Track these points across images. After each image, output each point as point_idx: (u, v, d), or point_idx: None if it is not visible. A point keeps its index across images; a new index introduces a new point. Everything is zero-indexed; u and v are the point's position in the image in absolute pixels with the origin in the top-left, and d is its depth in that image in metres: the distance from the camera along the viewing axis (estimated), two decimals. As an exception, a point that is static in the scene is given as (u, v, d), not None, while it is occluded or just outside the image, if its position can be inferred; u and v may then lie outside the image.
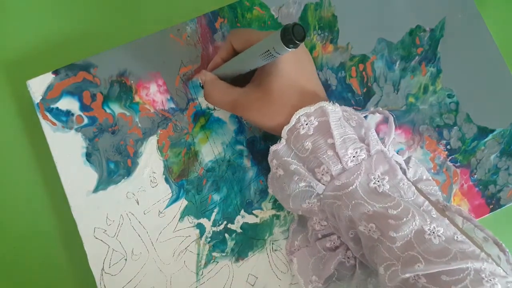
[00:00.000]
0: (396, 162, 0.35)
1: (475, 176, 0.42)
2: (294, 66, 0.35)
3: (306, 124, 0.34)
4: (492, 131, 0.43)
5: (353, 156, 0.33)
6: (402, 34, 0.44)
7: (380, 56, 0.43)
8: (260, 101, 0.36)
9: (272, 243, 0.41)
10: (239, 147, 0.42)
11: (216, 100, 0.38)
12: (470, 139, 0.43)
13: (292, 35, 0.29)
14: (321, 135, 0.34)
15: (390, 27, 0.44)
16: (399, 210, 0.32)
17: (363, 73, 0.43)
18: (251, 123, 0.40)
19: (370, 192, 0.33)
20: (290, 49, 0.30)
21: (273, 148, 0.36)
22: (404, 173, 0.36)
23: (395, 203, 0.32)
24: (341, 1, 0.44)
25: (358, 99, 0.43)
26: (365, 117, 0.42)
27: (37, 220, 0.42)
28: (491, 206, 0.42)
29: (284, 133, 0.35)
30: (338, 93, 0.43)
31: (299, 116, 0.34)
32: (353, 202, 0.33)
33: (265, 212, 0.41)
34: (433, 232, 0.31)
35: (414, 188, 0.34)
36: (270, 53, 0.31)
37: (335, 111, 0.34)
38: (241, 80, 0.38)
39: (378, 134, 0.42)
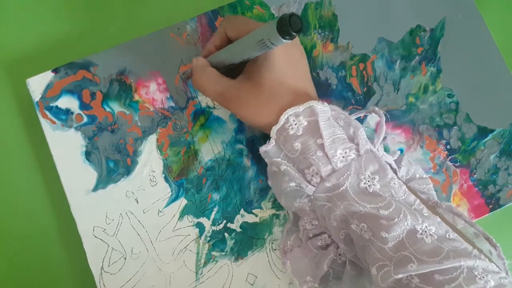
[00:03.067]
0: (386, 162, 0.35)
1: (475, 176, 0.42)
2: (286, 63, 0.34)
3: (295, 124, 0.33)
4: (492, 131, 0.43)
5: (343, 156, 0.33)
6: (403, 34, 0.44)
7: (381, 55, 0.43)
8: (250, 95, 0.35)
9: (272, 243, 0.41)
10: (239, 146, 0.42)
11: (204, 87, 0.36)
12: (470, 139, 0.43)
13: (289, 26, 0.28)
14: (310, 136, 0.33)
15: (390, 27, 0.44)
16: (390, 210, 0.31)
17: (364, 72, 0.43)
18: (239, 118, 0.38)
19: (361, 192, 0.33)
20: (285, 41, 0.28)
21: (262, 148, 0.35)
22: (395, 173, 0.36)
23: (386, 203, 0.32)
24: (341, 0, 0.43)
25: (358, 98, 0.43)
26: (365, 116, 0.42)
27: (36, 219, 0.42)
28: (490, 206, 0.42)
29: (273, 133, 0.34)
30: (338, 92, 0.43)
31: (287, 116, 0.33)
32: (344, 203, 0.32)
33: (264, 212, 0.41)
34: (425, 232, 0.31)
35: (405, 187, 0.33)
36: (265, 43, 0.30)
37: (324, 110, 0.33)
38: (234, 71, 0.37)
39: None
